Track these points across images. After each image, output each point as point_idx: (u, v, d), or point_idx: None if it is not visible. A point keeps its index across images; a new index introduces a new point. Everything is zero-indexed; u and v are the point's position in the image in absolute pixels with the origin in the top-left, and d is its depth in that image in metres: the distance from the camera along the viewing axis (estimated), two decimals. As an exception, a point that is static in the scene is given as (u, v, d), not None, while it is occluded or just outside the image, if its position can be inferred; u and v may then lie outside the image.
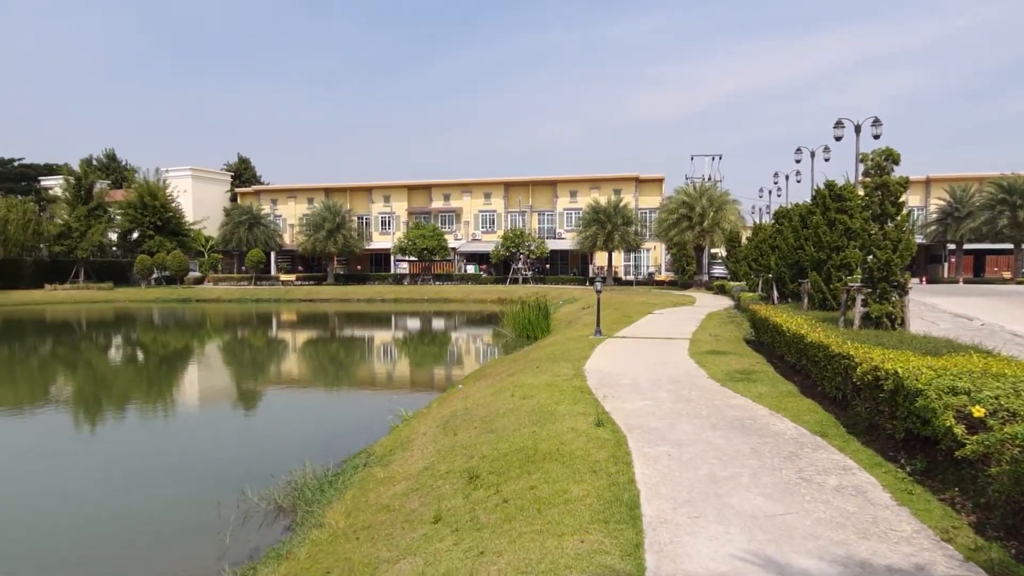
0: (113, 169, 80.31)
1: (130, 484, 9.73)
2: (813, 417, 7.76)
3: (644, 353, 13.87)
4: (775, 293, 18.58)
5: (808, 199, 17.80)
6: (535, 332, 24.09)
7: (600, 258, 59.63)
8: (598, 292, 18.44)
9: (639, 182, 63.01)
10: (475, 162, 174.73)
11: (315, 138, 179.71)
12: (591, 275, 58.69)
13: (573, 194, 64.07)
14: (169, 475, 10.12)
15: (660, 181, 63.15)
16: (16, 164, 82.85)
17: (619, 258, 60.68)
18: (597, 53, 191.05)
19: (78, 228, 59.19)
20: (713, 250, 55.03)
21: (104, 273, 61.80)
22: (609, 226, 52.79)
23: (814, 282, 14.61)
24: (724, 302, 30.43)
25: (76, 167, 62.13)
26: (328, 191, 69.07)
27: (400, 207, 67.90)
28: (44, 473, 10.30)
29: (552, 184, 64.88)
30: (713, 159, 56.52)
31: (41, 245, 60.19)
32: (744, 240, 40.52)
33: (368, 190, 68.87)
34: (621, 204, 54.60)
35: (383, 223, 68.38)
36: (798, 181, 38.48)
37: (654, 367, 11.87)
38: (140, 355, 26.24)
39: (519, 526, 4.95)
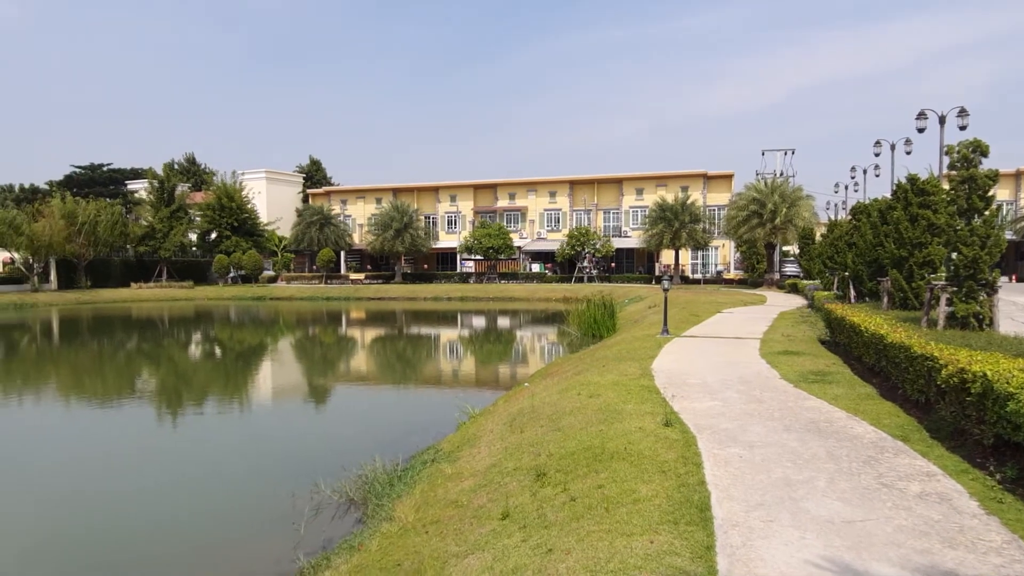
0: (193, 172, 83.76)
1: (209, 474, 10.14)
2: (894, 421, 7.46)
3: (713, 353, 13.60)
4: (852, 292, 17.93)
5: (888, 194, 17.09)
6: (600, 331, 23.93)
7: (667, 256, 58.78)
8: (665, 290, 18.18)
9: (707, 178, 61.81)
10: (540, 161, 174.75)
11: (383, 139, 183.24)
12: (657, 273, 57.90)
13: (639, 191, 63.36)
14: (246, 467, 10.50)
15: (729, 177, 61.79)
16: (105, 169, 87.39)
17: (686, 256, 59.67)
18: (663, 49, 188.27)
19: (161, 229, 62.11)
20: (785, 247, 53.49)
21: (185, 272, 64.54)
22: (676, 224, 51.98)
23: (894, 280, 14.02)
24: (796, 301, 29.54)
25: (159, 171, 65.22)
26: (396, 191, 70.29)
27: (466, 206, 68.53)
28: (129, 462, 10.84)
29: (618, 182, 64.31)
30: (785, 154, 54.90)
31: (128, 246, 63.27)
32: (818, 237, 39.22)
33: (435, 190, 69.77)
34: (688, 201, 53.69)
35: (449, 222, 69.16)
36: (877, 175, 36.95)
37: (723, 367, 11.63)
38: (218, 351, 27.30)
39: (587, 524, 4.93)
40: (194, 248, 67.35)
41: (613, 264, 62.06)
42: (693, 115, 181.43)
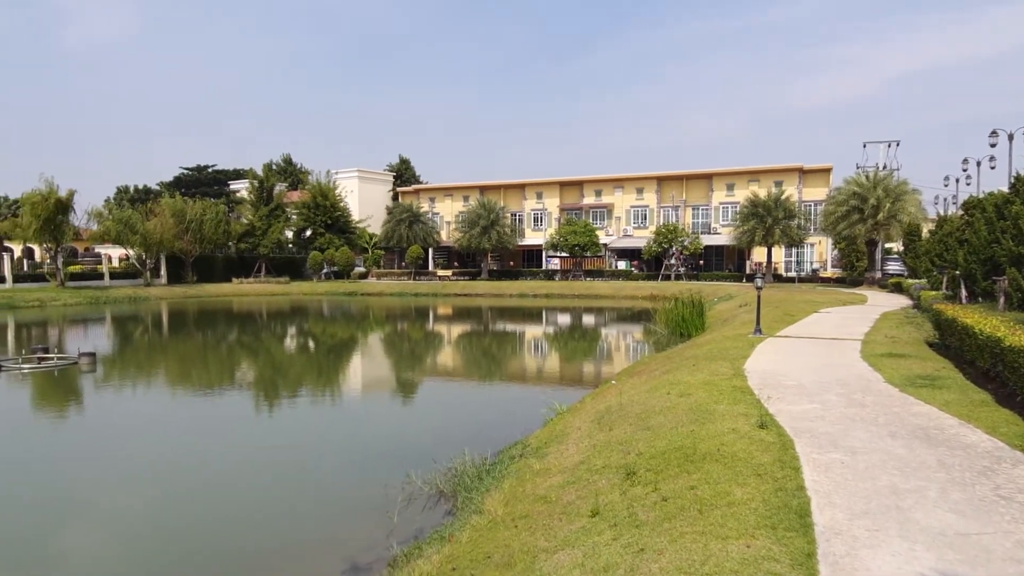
0: (290, 172, 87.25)
1: (305, 463, 10.55)
2: (1012, 429, 6.96)
3: (809, 354, 13.08)
4: (963, 291, 16.86)
5: (1004, 187, 15.97)
6: (689, 330, 23.44)
7: (759, 254, 56.93)
8: (758, 289, 17.61)
9: (803, 173, 59.44)
10: (627, 157, 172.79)
11: (471, 138, 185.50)
12: (748, 271, 56.19)
13: (730, 187, 61.62)
14: (340, 456, 10.87)
15: (827, 171, 59.21)
16: (210, 170, 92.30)
17: (779, 253, 57.59)
18: (756, 39, 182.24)
19: (260, 227, 65.09)
20: (888, 245, 50.81)
21: (281, 268, 67.33)
22: (769, 220, 50.22)
23: (1012, 279, 13.08)
24: (900, 301, 28.03)
25: (259, 171, 68.36)
26: (483, 189, 71.03)
27: (552, 203, 68.51)
28: (229, 449, 11.41)
29: (707, 177, 62.76)
30: (889, 146, 52.11)
31: (230, 243, 66.55)
32: (925, 233, 37.08)
33: (521, 187, 70.09)
34: (783, 196, 51.77)
35: (535, 219, 69.32)
36: (992, 167, 34.55)
37: (821, 369, 11.17)
38: (311, 344, 28.37)
39: (679, 525, 4.84)
40: (290, 245, 70.13)
41: (701, 262, 60.64)
42: (787, 108, 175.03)
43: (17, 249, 71.22)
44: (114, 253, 66.72)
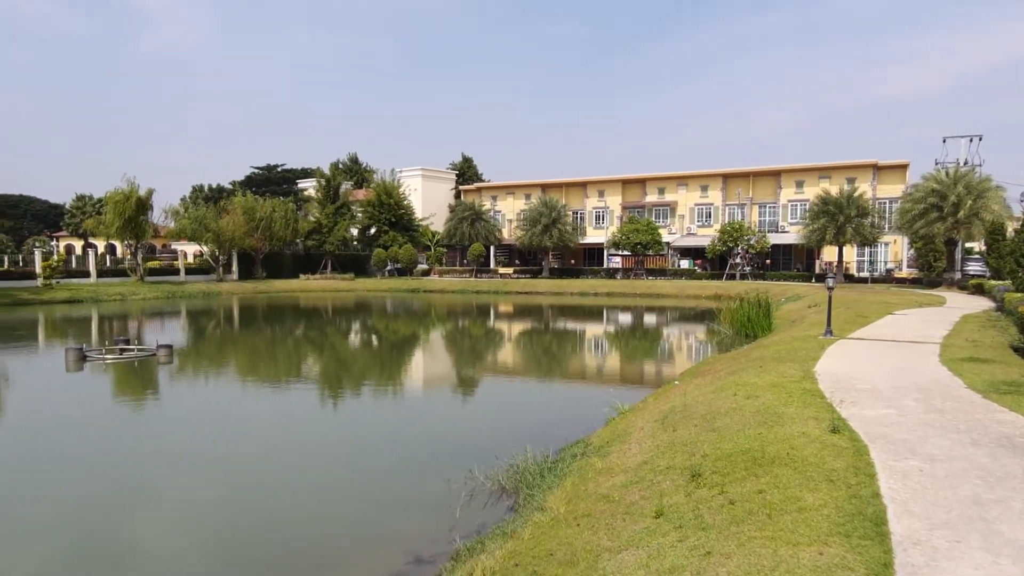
0: (355, 171, 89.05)
1: (369, 456, 10.75)
2: (1109, 440, 6.54)
3: (884, 357, 12.59)
4: (1052, 294, 15.93)
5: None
6: (755, 330, 22.89)
7: (829, 253, 55.14)
8: (830, 289, 17.04)
9: (877, 169, 57.25)
10: (691, 154, 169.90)
11: (533, 136, 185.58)
12: (818, 271, 54.49)
13: (799, 184, 59.86)
14: (403, 450, 11.03)
15: (903, 167, 56.88)
16: (280, 169, 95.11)
17: (851, 253, 55.63)
18: (826, 32, 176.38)
19: (327, 225, 66.69)
20: (969, 244, 48.47)
21: (347, 265, 68.80)
22: (841, 218, 48.52)
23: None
24: (982, 303, 26.71)
25: (326, 170, 70.02)
26: (544, 187, 70.98)
27: (614, 201, 67.93)
28: (294, 442, 11.68)
29: (775, 174, 61.13)
30: (970, 140, 49.59)
31: (297, 240, 68.41)
32: (1010, 232, 35.17)
33: (583, 185, 69.74)
34: (855, 194, 49.93)
35: (597, 218, 68.86)
36: (1083, 163, 32.46)
37: (897, 372, 10.74)
38: (375, 340, 28.89)
39: (747, 530, 4.72)
40: (355, 242, 71.59)
41: (768, 261, 59.11)
42: (861, 102, 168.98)
43: (101, 246, 74.97)
44: (189, 250, 69.52)
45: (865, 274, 54.17)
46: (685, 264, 61.87)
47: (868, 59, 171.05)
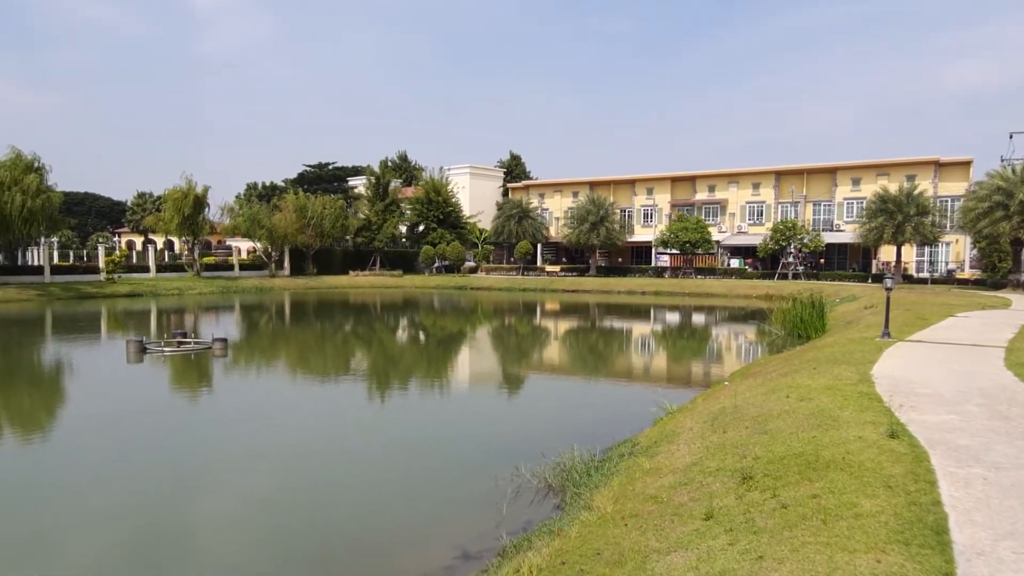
0: (404, 169, 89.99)
1: (415, 452, 10.85)
2: None
3: (945, 360, 12.15)
4: None
5: None
6: (808, 331, 22.35)
7: (886, 252, 53.51)
8: (888, 290, 16.52)
9: (939, 166, 55.32)
10: (742, 151, 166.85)
11: (582, 134, 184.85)
12: (874, 271, 52.94)
13: (856, 182, 58.22)
14: (449, 446, 11.12)
15: (966, 164, 54.84)
16: (331, 167, 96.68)
17: (909, 252, 53.86)
18: (889, 22, 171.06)
19: (376, 222, 67.62)
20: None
21: (395, 262, 69.64)
22: (899, 216, 47.00)
23: None
24: (1050, 306, 25.57)
25: (376, 168, 70.95)
26: (592, 185, 70.60)
27: (663, 199, 67.18)
28: (343, 437, 11.87)
29: (831, 171, 59.58)
30: (1039, 137, 47.54)
31: (347, 237, 69.53)
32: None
33: (631, 183, 69.14)
34: (915, 191, 48.34)
35: (645, 216, 68.21)
36: None
37: (959, 377, 10.35)
38: (422, 336, 29.16)
39: (801, 535, 4.61)
40: (404, 239, 72.41)
41: (822, 260, 57.65)
42: (923, 97, 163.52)
43: (160, 242, 77.45)
44: (243, 246, 71.24)
45: (925, 275, 52.40)
46: (735, 263, 60.82)
47: (931, 52, 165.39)
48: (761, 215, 62.08)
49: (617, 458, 8.62)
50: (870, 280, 49.23)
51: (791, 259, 54.74)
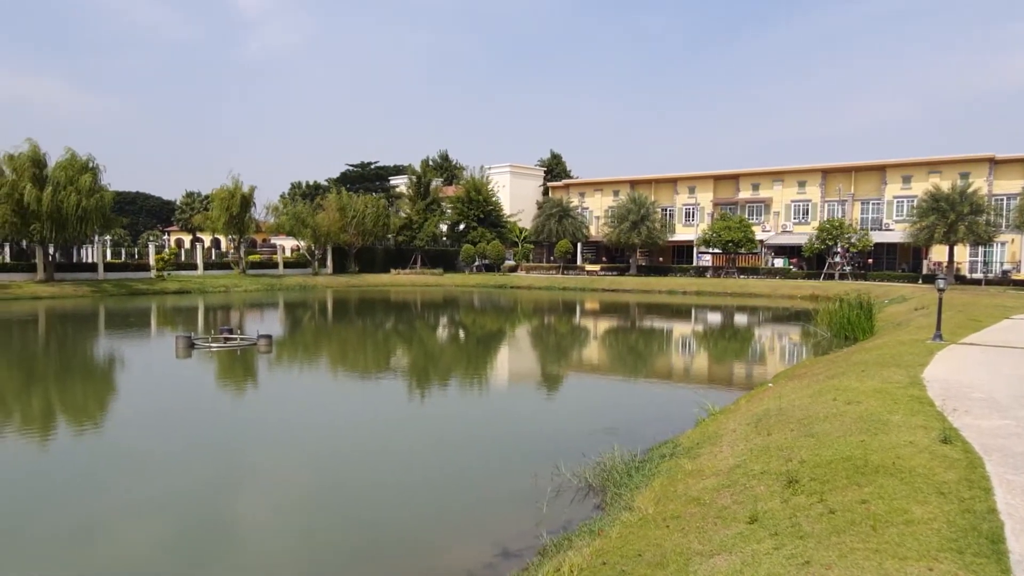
0: (445, 168, 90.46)
1: (455, 448, 10.92)
2: None
3: (1000, 364, 11.76)
4: None
5: None
6: (855, 333, 21.83)
7: (938, 252, 51.96)
8: (940, 291, 16.03)
9: (994, 163, 53.47)
10: (787, 149, 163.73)
11: (623, 132, 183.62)
12: (925, 271, 51.44)
13: (906, 179, 56.65)
14: (489, 444, 11.15)
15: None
16: (372, 167, 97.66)
17: (963, 252, 52.19)
18: (943, 15, 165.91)
19: (417, 221, 68.18)
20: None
21: (436, 260, 70.10)
22: (952, 215, 45.56)
23: None
24: (1114, 309, 24.53)
25: (417, 167, 71.53)
26: (633, 183, 70.06)
27: (705, 198, 66.32)
28: (382, 433, 11.97)
29: (880, 169, 58.08)
30: (1102, 132, 45.59)
31: (389, 235, 70.23)
32: None
33: (673, 181, 68.41)
34: (969, 189, 46.81)
35: (687, 215, 67.42)
36: None
37: (1016, 381, 10.00)
38: (462, 334, 29.30)
39: (849, 541, 4.51)
40: (444, 238, 72.83)
41: (870, 260, 56.23)
42: (978, 93, 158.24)
43: (207, 240, 79.30)
44: (287, 244, 72.51)
45: (978, 275, 50.72)
46: (779, 263, 59.73)
47: (986, 45, 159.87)
48: (807, 214, 60.86)
49: (658, 459, 8.54)
50: (920, 281, 47.87)
51: (838, 259, 53.53)
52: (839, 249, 53.39)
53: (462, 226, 69.94)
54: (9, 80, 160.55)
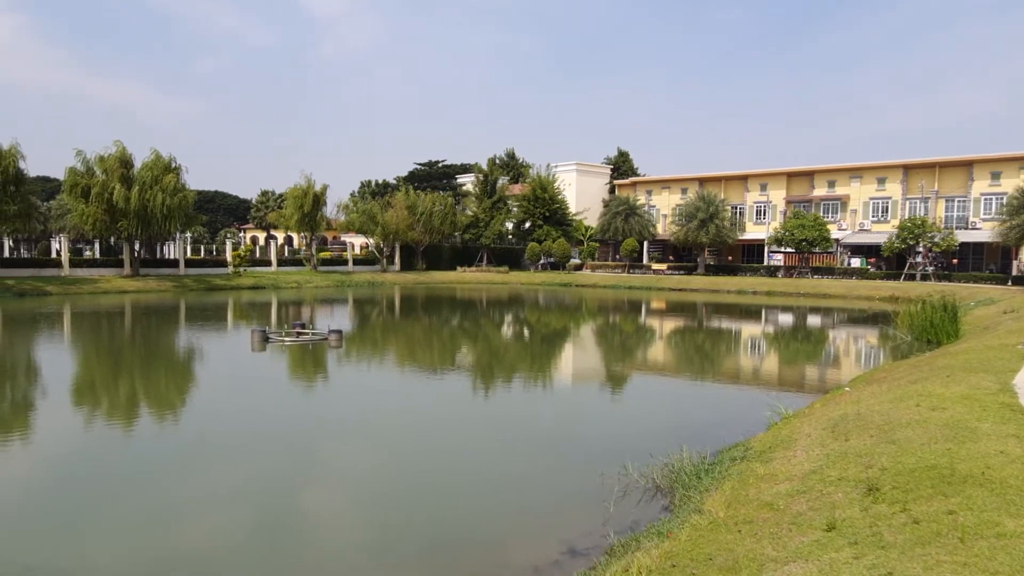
0: (512, 166, 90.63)
1: (521, 446, 10.93)
2: None
3: (1101, 371, 11.00)
4: None
5: None
6: (939, 336, 20.83)
7: (1029, 253, 49.11)
8: (1032, 293, 15.14)
9: (1093, 158, 50.18)
10: (863, 145, 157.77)
11: (692, 128, 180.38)
12: (1015, 272, 48.67)
13: (995, 176, 53.72)
14: (555, 442, 11.12)
15: None
16: (440, 165, 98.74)
17: (1057, 253, 49.19)
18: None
19: (483, 219, 68.60)
20: None
21: (501, 258, 70.41)
22: (1045, 213, 43.00)
23: None
24: None
25: (484, 166, 71.99)
26: (702, 181, 68.75)
27: (777, 196, 64.49)
28: (449, 430, 12.07)
29: (966, 164, 55.25)
30: None
31: (455, 233, 70.93)
32: None
33: (743, 179, 66.80)
34: (1065, 186, 44.08)
35: (757, 213, 65.71)
36: None
37: (1119, 390, 9.35)
38: (527, 332, 29.33)
39: (935, 552, 4.29)
40: (510, 236, 73.04)
41: (955, 260, 53.56)
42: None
43: (280, 237, 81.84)
44: (356, 241, 74.15)
45: (1075, 277, 47.67)
46: (856, 263, 57.54)
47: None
48: (886, 212, 58.46)
49: (728, 462, 8.34)
50: (1010, 283, 45.36)
51: (919, 259, 51.21)
52: (921, 249, 51.08)
53: (528, 224, 70.01)
54: (102, 87, 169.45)
